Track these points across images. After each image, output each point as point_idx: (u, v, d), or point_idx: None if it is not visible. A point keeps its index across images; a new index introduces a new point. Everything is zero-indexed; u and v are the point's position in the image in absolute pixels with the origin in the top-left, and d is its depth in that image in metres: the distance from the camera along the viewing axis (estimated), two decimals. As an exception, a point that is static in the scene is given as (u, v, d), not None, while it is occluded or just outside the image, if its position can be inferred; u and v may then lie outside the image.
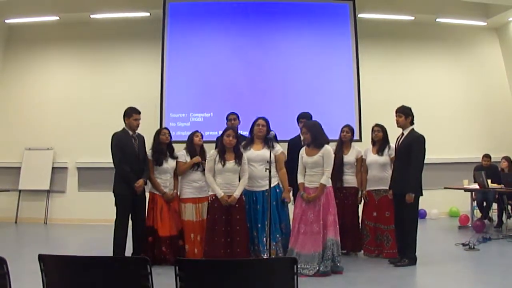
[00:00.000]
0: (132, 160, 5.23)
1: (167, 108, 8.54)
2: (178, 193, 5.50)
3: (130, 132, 5.32)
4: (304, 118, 5.77)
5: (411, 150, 5.03)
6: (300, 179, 4.96)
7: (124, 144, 5.23)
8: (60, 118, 9.22)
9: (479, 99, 9.68)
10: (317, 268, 4.67)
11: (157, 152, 5.40)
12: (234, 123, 5.77)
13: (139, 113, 5.37)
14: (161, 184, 5.36)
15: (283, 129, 5.37)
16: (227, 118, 5.90)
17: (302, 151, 4.99)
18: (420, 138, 5.08)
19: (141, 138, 5.43)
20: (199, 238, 5.25)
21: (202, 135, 5.59)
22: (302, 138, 5.11)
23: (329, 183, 4.84)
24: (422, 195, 5.13)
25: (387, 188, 5.46)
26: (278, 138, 5.31)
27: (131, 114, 5.32)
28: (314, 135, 4.90)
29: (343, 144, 5.83)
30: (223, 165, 4.87)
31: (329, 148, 4.90)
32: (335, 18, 8.93)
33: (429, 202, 8.36)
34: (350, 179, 5.74)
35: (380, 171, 5.59)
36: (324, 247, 4.71)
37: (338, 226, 4.87)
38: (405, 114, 5.16)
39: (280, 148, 5.26)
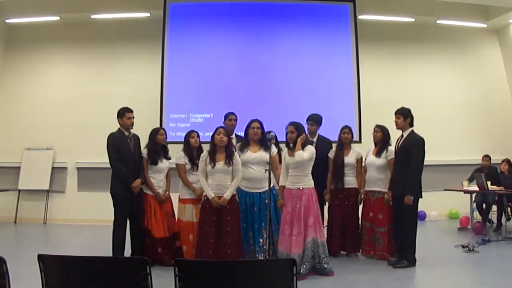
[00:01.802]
0: (128, 160, 5.24)
1: (167, 108, 8.53)
2: (176, 193, 5.49)
3: (126, 133, 5.32)
4: (313, 120, 5.78)
5: (411, 152, 5.02)
6: (282, 182, 4.93)
7: (120, 145, 5.24)
8: (60, 118, 9.21)
9: (479, 101, 9.68)
10: (299, 269, 4.63)
11: (152, 152, 5.39)
12: (234, 123, 5.77)
13: (132, 111, 5.37)
14: (155, 184, 5.35)
15: (283, 130, 5.35)
16: (225, 117, 5.89)
17: (285, 153, 4.96)
18: (419, 140, 5.07)
19: (136, 138, 5.43)
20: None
21: (198, 135, 5.54)
22: (287, 137, 4.96)
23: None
24: (421, 197, 5.12)
25: (382, 190, 5.49)
26: (278, 140, 5.31)
27: (123, 113, 5.32)
28: (299, 136, 4.88)
29: (343, 146, 5.84)
30: (213, 166, 4.82)
31: (312, 147, 4.90)
32: (335, 20, 8.92)
33: (428, 203, 8.34)
34: (350, 180, 5.76)
35: (376, 172, 5.60)
36: (304, 248, 4.68)
37: (322, 228, 4.87)
38: (404, 115, 5.16)
39: (276, 149, 5.26)
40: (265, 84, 8.61)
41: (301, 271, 4.63)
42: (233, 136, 5.86)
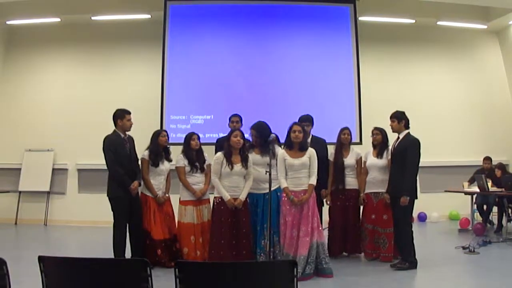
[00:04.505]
0: (125, 162, 5.22)
1: (167, 110, 8.53)
2: (176, 195, 5.49)
3: (122, 135, 5.30)
4: (306, 121, 5.76)
5: (406, 153, 5.06)
6: (284, 184, 4.90)
7: (117, 146, 5.21)
8: (60, 119, 9.22)
9: (480, 102, 9.68)
10: (302, 271, 4.62)
11: (154, 154, 5.39)
12: (237, 125, 5.77)
13: (130, 113, 5.36)
14: (155, 186, 5.35)
15: (284, 132, 5.35)
16: (230, 120, 5.89)
17: (284, 154, 4.94)
18: (415, 141, 5.13)
19: (131, 140, 5.42)
20: (201, 241, 5.25)
21: (198, 137, 5.55)
22: (293, 136, 4.95)
23: (315, 181, 4.86)
24: (416, 198, 5.15)
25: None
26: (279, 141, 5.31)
27: (123, 115, 5.29)
28: (305, 137, 4.92)
29: (342, 147, 5.84)
30: (231, 169, 4.87)
31: (314, 151, 4.92)
32: (336, 21, 8.93)
33: (429, 205, 8.39)
34: (351, 181, 5.76)
35: (379, 174, 5.59)
36: (309, 250, 4.70)
37: (321, 228, 4.88)
38: (398, 118, 5.24)
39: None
40: (265, 85, 8.61)
41: (307, 271, 4.64)
42: None
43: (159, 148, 5.44)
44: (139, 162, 5.43)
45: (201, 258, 5.13)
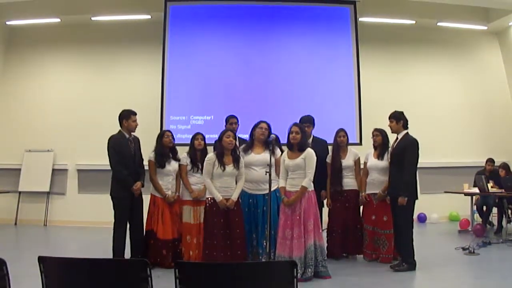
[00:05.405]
0: (129, 163, 5.21)
1: (167, 110, 8.54)
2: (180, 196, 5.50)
3: (127, 135, 5.30)
4: (307, 122, 5.76)
5: (405, 153, 5.06)
6: (281, 183, 4.90)
7: (121, 147, 5.20)
8: (60, 120, 9.23)
9: (480, 103, 9.69)
10: (301, 273, 4.61)
11: (159, 155, 5.39)
12: (235, 127, 5.77)
13: (136, 114, 5.37)
14: (163, 187, 5.35)
15: (284, 132, 5.36)
16: (226, 121, 5.90)
17: (284, 155, 4.95)
18: (413, 141, 5.12)
19: (136, 140, 5.41)
20: (195, 241, 5.26)
21: (204, 137, 5.56)
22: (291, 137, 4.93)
23: (311, 187, 4.78)
24: (417, 198, 5.14)
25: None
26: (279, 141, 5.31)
27: (129, 116, 5.29)
28: (303, 138, 4.90)
29: (340, 148, 5.83)
30: (223, 170, 4.86)
31: (312, 152, 4.85)
32: (336, 22, 8.94)
33: (429, 206, 8.39)
34: (350, 182, 5.75)
35: (379, 175, 5.57)
36: (305, 252, 4.66)
37: (320, 230, 4.85)
38: (396, 119, 5.23)
39: (280, 152, 5.26)
40: (265, 86, 8.62)
41: (308, 274, 4.62)
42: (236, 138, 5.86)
43: (164, 149, 5.44)
44: (144, 163, 5.44)
45: (194, 258, 5.14)
